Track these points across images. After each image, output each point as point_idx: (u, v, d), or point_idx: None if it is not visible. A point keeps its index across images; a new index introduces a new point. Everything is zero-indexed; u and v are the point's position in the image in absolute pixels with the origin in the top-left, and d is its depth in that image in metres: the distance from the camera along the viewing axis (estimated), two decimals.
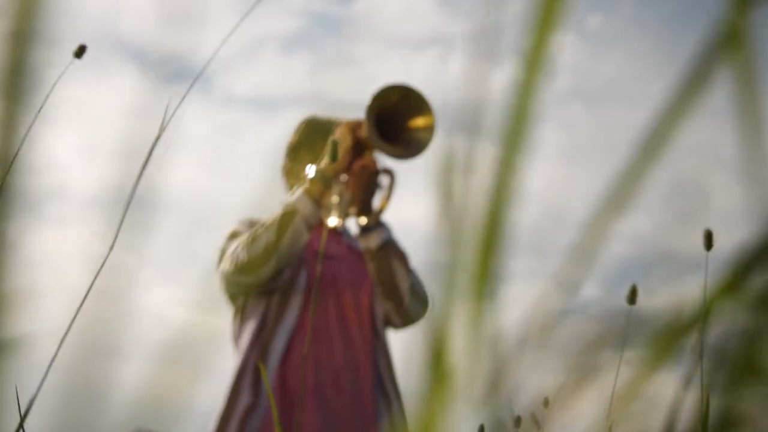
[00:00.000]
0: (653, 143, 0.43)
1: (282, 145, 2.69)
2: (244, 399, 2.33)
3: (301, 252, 2.38)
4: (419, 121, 2.26)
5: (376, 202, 2.40)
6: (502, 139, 0.49)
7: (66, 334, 0.69)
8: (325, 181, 2.28)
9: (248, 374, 2.36)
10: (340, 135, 2.30)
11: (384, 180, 2.37)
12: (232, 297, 2.50)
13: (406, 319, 2.45)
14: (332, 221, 2.37)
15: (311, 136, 2.57)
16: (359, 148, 2.30)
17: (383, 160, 2.36)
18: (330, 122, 2.57)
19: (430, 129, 2.25)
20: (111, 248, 0.75)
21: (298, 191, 2.32)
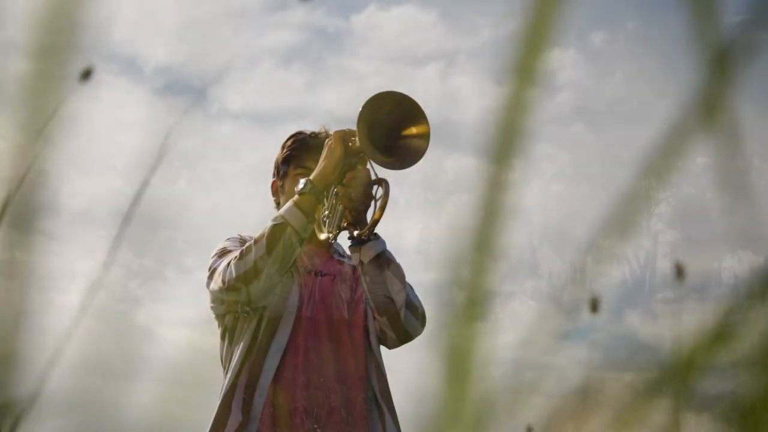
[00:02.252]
0: (656, 166, 0.42)
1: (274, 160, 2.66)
2: (234, 418, 2.30)
3: (293, 267, 2.35)
4: (413, 129, 2.22)
5: (370, 214, 2.36)
6: (493, 156, 0.48)
7: (59, 352, 0.68)
8: (315, 193, 2.24)
9: (239, 393, 2.33)
10: (331, 146, 2.26)
11: (378, 191, 2.32)
12: (222, 315, 2.47)
13: (402, 335, 2.40)
14: (323, 235, 2.34)
15: (299, 151, 2.54)
16: (351, 158, 2.26)
17: (377, 170, 2.31)
18: (318, 136, 2.53)
19: (424, 137, 2.20)
20: (106, 265, 0.74)
21: (288, 204, 2.28)
